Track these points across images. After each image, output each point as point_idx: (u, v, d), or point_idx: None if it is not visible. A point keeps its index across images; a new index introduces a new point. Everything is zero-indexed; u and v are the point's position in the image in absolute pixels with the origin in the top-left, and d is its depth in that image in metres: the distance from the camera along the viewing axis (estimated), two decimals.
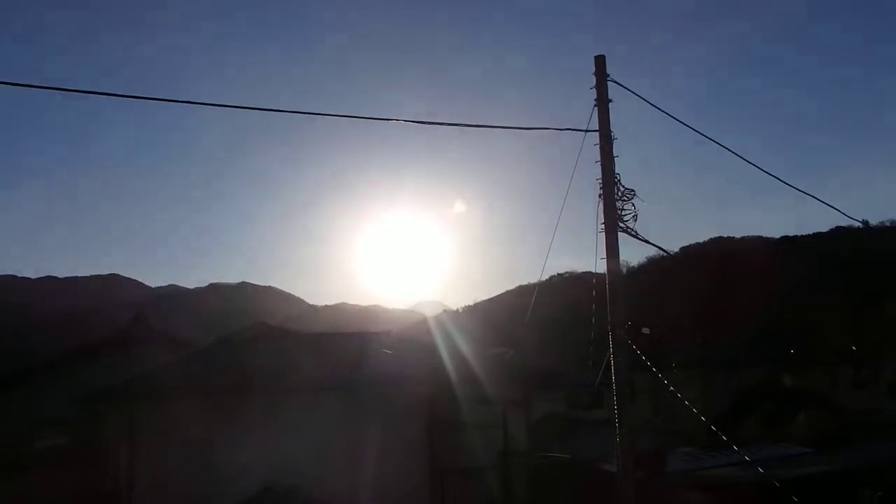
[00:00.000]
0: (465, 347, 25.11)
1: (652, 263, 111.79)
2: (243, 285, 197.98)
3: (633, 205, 11.89)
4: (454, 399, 19.69)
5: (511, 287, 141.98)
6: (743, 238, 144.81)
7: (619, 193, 11.88)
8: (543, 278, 16.58)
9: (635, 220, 11.88)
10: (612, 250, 11.83)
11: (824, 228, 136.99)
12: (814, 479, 17.91)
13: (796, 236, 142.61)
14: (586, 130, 12.01)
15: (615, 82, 12.01)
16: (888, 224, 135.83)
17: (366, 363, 19.79)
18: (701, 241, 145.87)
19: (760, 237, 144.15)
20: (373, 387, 18.71)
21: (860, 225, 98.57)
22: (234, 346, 19.72)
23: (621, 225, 11.86)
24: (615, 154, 11.94)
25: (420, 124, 11.74)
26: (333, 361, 19.18)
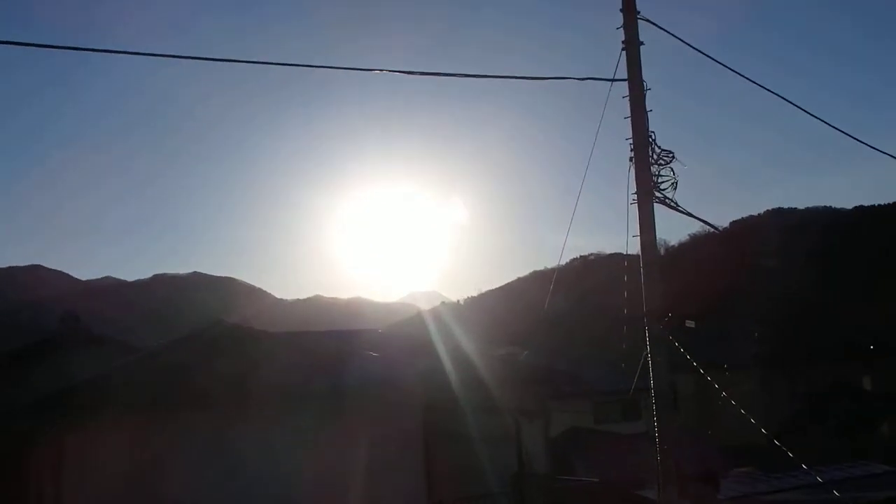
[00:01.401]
0: (468, 347, 25.17)
1: (696, 241, 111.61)
2: (195, 276, 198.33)
3: (672, 169, 11.83)
4: (456, 410, 19.74)
5: (524, 273, 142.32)
6: (807, 209, 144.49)
7: (655, 156, 11.80)
8: (563, 262, 16.65)
9: (674, 188, 11.82)
10: (647, 225, 11.74)
11: None
12: None
13: (873, 206, 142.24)
14: (613, 80, 11.94)
15: (647, 20, 11.90)
16: None
17: (347, 368, 19.81)
18: (756, 213, 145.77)
19: (829, 208, 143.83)
20: (356, 396, 18.73)
21: None
22: (186, 350, 19.71)
23: (657, 194, 11.78)
24: (648, 108, 11.87)
25: (413, 76, 11.65)
26: (308, 367, 19.20)
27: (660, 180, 11.80)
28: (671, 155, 11.79)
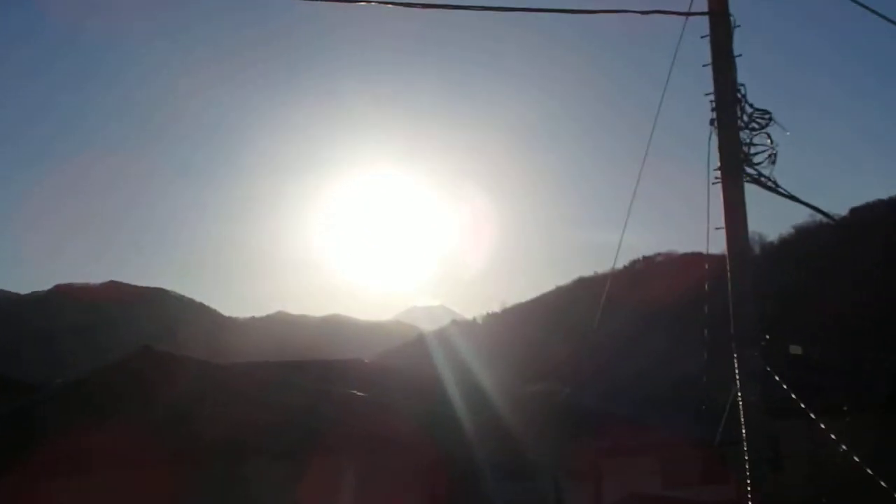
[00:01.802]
0: (488, 381, 25.21)
1: (803, 235, 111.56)
2: (111, 287, 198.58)
3: (769, 136, 11.72)
4: (471, 469, 19.78)
5: (565, 282, 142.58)
6: None
7: (746, 118, 11.70)
8: (619, 266, 16.68)
9: (773, 161, 11.72)
10: (736, 213, 11.59)
11: None
12: None
13: None
14: (688, 13, 11.91)
15: None
16: None
17: (322, 413, 19.86)
18: (884, 197, 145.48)
19: None
20: (335, 452, 18.80)
21: None
22: (101, 389, 19.81)
23: (749, 170, 11.67)
24: (737, 53, 11.80)
25: (410, 8, 11.59)
26: (269, 412, 19.26)
27: (752, 151, 11.66)
28: (768, 116, 11.68)
